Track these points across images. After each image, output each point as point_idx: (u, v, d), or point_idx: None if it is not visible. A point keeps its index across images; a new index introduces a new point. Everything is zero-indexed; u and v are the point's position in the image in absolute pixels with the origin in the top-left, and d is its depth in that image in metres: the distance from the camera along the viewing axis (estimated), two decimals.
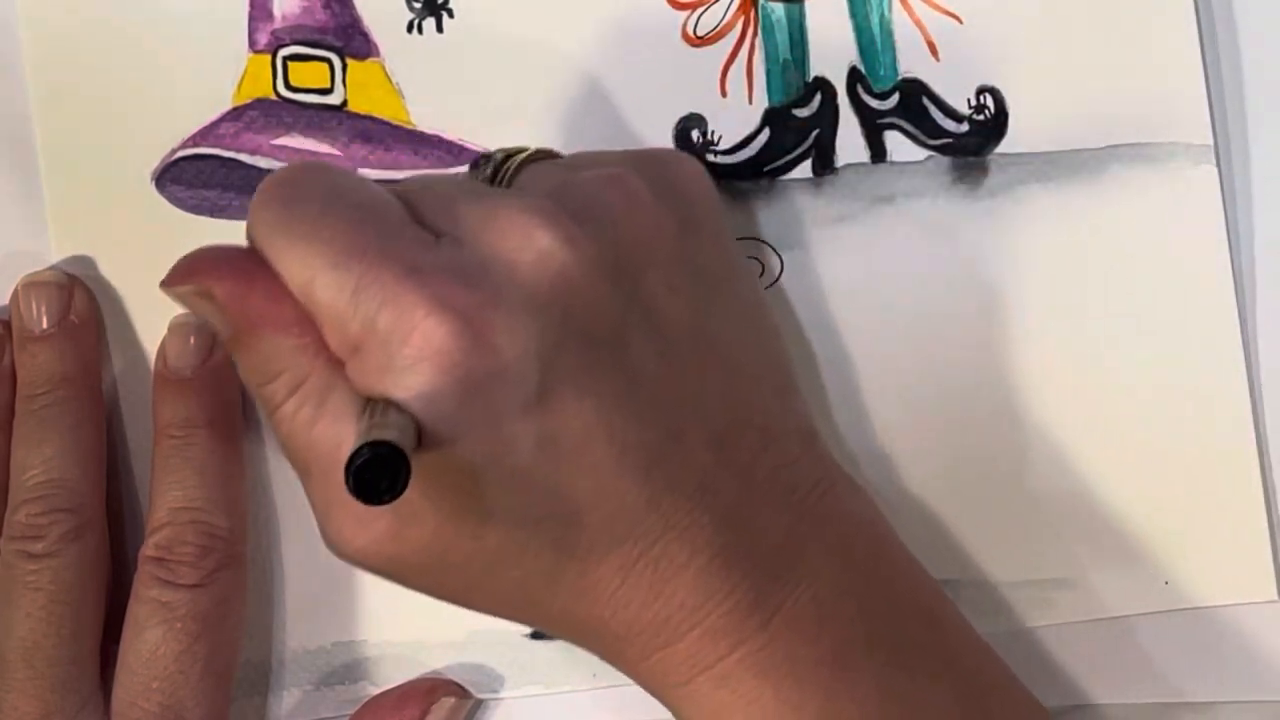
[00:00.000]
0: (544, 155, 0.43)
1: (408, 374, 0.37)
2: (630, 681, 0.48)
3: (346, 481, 0.34)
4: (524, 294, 0.38)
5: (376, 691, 0.48)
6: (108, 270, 0.49)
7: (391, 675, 0.48)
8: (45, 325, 0.47)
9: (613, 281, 0.39)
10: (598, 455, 0.38)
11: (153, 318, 0.48)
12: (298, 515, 0.48)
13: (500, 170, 0.42)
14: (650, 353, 0.39)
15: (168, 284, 0.40)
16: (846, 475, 0.43)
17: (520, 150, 0.43)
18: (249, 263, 0.39)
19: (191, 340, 0.47)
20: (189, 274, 0.40)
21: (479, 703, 0.49)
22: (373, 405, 0.37)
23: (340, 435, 0.38)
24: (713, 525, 0.39)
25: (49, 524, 0.45)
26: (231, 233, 0.48)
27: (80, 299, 0.48)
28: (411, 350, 0.37)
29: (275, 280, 0.39)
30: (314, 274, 0.38)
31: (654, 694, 0.42)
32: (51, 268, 0.48)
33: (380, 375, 0.37)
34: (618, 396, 0.39)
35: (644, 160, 0.43)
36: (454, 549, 0.39)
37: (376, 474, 0.34)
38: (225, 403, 0.47)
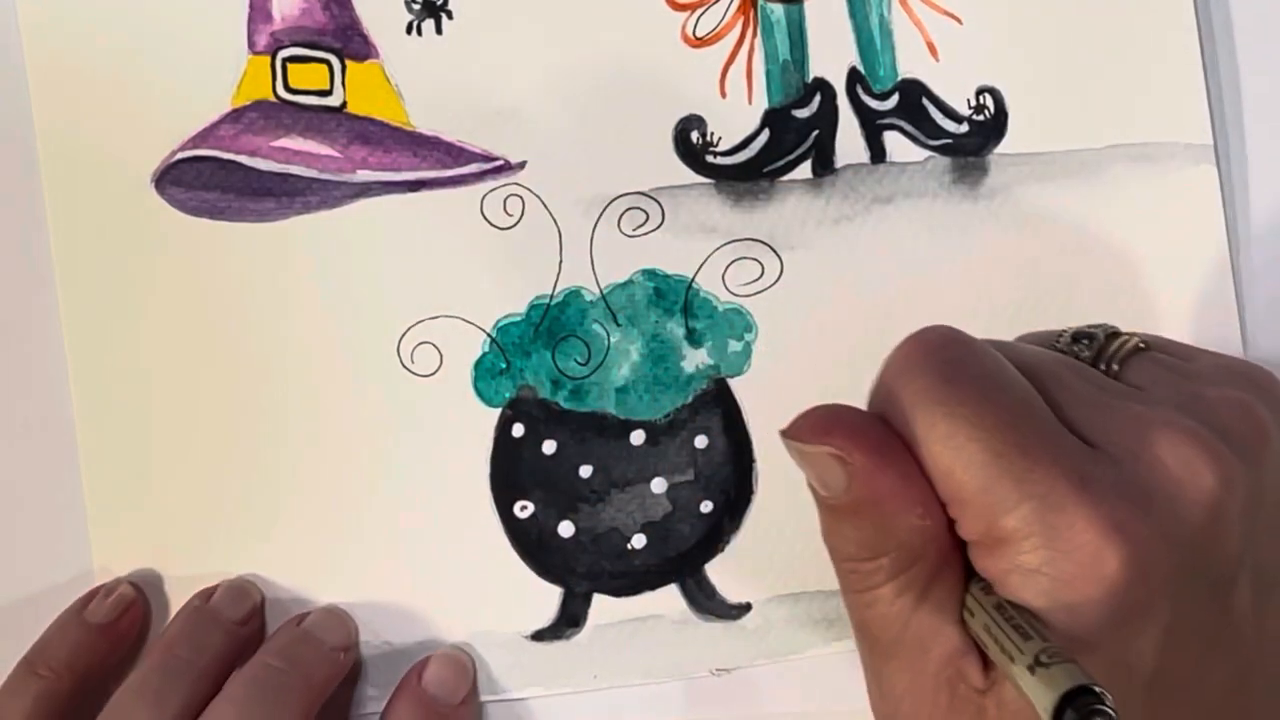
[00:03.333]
0: (1145, 345, 0.41)
1: (1064, 588, 0.35)
2: (630, 683, 0.48)
3: None
4: (1183, 530, 0.36)
5: (375, 693, 0.48)
6: (107, 271, 0.49)
7: (392, 677, 0.48)
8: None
9: (1245, 524, 0.37)
10: (1186, 695, 0.37)
11: (151, 320, 0.49)
12: (295, 524, 0.49)
13: (1104, 356, 0.41)
14: (1248, 595, 0.38)
15: (796, 436, 0.37)
16: None
17: (1117, 333, 0.41)
18: (886, 434, 0.37)
19: (244, 603, 0.48)
20: (826, 434, 0.37)
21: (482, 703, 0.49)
22: (1009, 614, 0.36)
23: (938, 626, 0.37)
24: None
25: None
26: (230, 234, 0.48)
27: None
28: (1074, 567, 0.35)
29: (910, 457, 0.37)
30: (970, 459, 0.36)
31: None
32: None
33: (1024, 578, 0.36)
34: (1218, 641, 0.37)
35: (1248, 379, 0.40)
36: None
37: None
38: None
